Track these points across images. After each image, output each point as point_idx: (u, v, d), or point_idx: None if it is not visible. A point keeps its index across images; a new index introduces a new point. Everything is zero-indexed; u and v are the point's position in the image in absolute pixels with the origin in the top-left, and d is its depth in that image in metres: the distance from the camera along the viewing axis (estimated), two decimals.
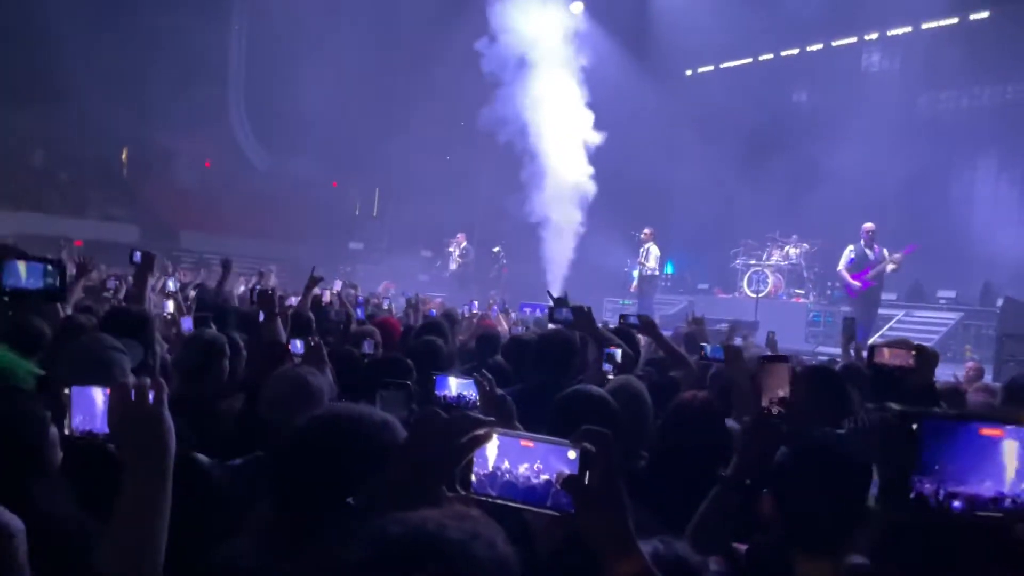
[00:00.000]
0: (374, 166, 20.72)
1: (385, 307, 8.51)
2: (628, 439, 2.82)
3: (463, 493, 1.23)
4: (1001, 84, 14.86)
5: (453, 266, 17.41)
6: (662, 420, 3.09)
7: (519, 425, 2.13)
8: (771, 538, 2.09)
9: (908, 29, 16.32)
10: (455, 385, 2.38)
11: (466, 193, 17.81)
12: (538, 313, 9.15)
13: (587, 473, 1.16)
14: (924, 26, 15.98)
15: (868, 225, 11.52)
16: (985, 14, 15.24)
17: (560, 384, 3.68)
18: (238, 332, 4.82)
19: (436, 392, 2.42)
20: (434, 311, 9.01)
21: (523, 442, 1.23)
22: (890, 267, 11.34)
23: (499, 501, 1.21)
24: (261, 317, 4.56)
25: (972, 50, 14.78)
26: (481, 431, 1.24)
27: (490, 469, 1.22)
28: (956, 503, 0.95)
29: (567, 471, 1.17)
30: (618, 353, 3.80)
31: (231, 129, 20.46)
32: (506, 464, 1.21)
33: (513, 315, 10.01)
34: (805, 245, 15.13)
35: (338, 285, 7.41)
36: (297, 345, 3.61)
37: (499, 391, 2.15)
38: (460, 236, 17.51)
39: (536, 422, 2.65)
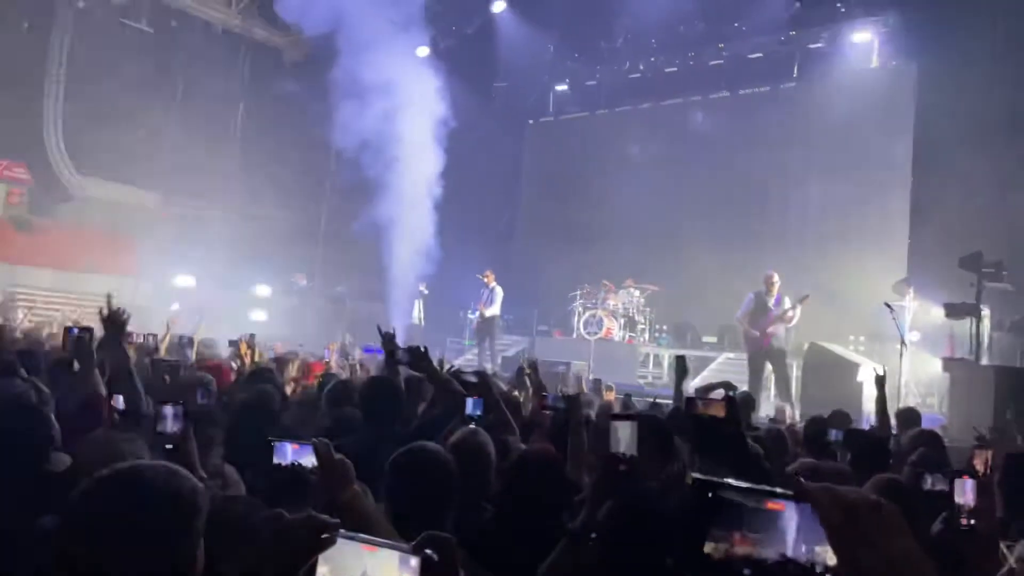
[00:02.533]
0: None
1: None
2: (469, 493, 2.85)
3: None
4: (805, 147, 16.50)
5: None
6: (506, 472, 3.13)
7: (360, 488, 2.10)
8: None
9: (727, 94, 17.89)
10: (291, 452, 2.29)
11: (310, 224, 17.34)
12: (379, 356, 9.02)
13: None
14: (740, 92, 17.65)
15: (769, 273, 10.92)
16: (792, 84, 17.13)
17: (392, 434, 3.66)
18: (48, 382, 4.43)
19: (274, 459, 2.32)
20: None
21: (364, 547, 1.21)
22: (789, 314, 10.63)
23: None
24: (76, 366, 4.23)
25: (782, 115, 16.51)
26: (325, 535, 1.22)
27: (335, 574, 1.20)
28: (746, 569, 1.03)
29: None
30: (470, 403, 3.81)
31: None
32: (349, 571, 1.19)
33: (356, 357, 9.83)
34: (636, 291, 15.96)
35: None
36: (119, 401, 3.34)
37: (337, 456, 2.11)
38: (300, 276, 17.03)
39: (373, 478, 2.62)
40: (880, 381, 5.42)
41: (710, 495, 1.05)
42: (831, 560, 1.02)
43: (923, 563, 0.98)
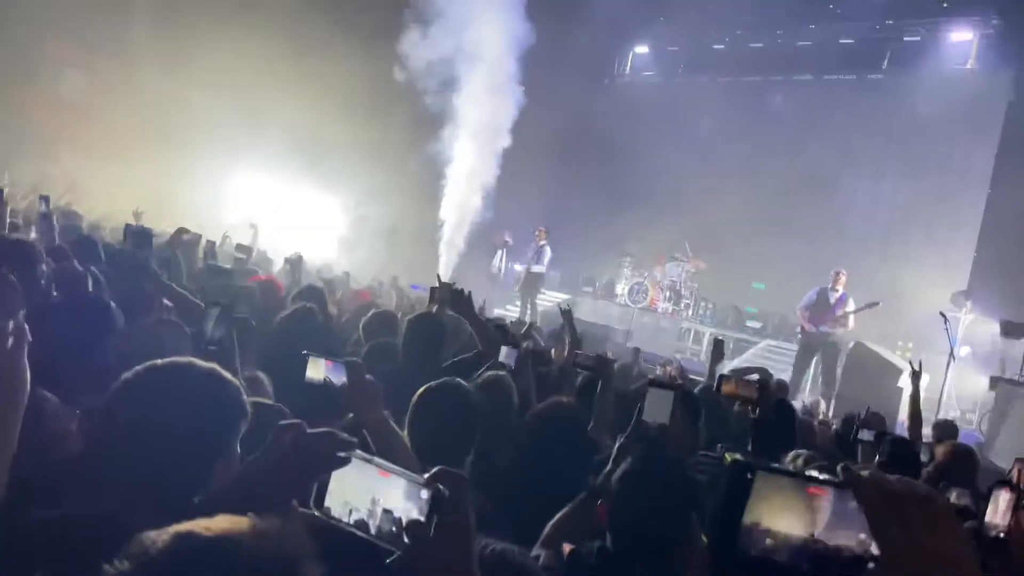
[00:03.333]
0: None
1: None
2: (490, 435, 2.90)
3: (316, 513, 1.20)
4: (884, 142, 15.99)
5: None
6: (529, 421, 3.18)
7: (386, 414, 2.15)
8: (598, 545, 2.20)
9: (810, 77, 17.33)
10: (324, 368, 2.34)
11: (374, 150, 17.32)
12: (424, 293, 9.12)
13: (434, 517, 1.13)
14: (825, 77, 17.08)
15: (839, 271, 10.83)
16: (880, 75, 16.53)
17: (426, 369, 3.72)
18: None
19: (307, 374, 2.38)
20: None
21: (379, 471, 1.20)
22: (846, 319, 10.56)
23: (347, 528, 1.17)
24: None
25: (864, 105, 15.96)
26: (342, 453, 1.22)
27: (346, 494, 1.20)
28: (777, 551, 1.02)
29: (416, 510, 1.14)
30: (504, 352, 3.86)
31: None
32: (361, 492, 1.19)
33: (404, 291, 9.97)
34: (686, 265, 15.75)
35: None
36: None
37: (368, 376, 2.15)
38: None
39: (401, 409, 2.68)
40: (915, 378, 5.21)
41: (748, 476, 1.04)
42: (864, 549, 1.00)
43: (971, 565, 0.93)
